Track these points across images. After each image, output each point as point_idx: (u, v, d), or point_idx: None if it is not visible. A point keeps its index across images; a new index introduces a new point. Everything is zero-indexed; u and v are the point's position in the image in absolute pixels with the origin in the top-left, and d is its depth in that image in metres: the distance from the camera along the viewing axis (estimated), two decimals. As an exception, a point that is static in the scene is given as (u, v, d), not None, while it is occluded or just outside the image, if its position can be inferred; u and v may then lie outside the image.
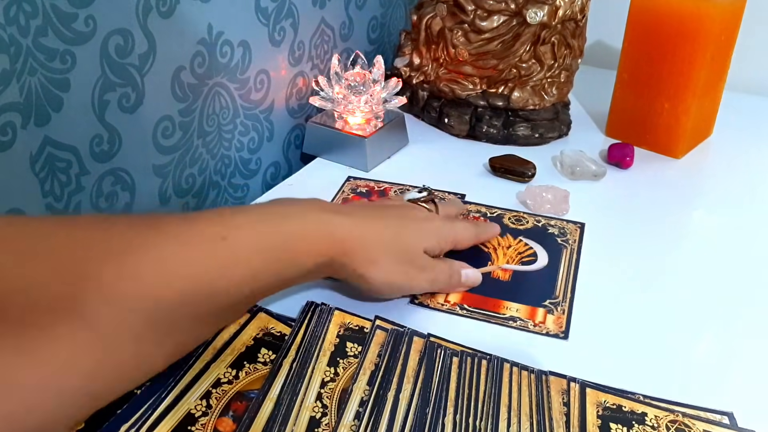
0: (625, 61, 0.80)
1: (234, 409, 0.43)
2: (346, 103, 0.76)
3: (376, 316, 0.52)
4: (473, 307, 0.54)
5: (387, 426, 0.42)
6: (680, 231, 0.67)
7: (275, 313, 0.51)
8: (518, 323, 0.52)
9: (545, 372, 0.46)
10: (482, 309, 0.54)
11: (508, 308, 0.54)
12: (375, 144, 0.76)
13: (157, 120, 0.61)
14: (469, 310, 0.54)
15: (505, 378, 0.46)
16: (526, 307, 0.54)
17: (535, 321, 0.52)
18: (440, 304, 0.54)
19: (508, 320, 0.53)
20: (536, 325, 0.52)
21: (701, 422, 0.43)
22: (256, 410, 0.42)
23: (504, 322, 0.52)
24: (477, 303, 0.54)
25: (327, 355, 0.47)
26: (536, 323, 0.52)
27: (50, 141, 0.51)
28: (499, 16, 0.78)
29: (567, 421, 0.43)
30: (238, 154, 0.74)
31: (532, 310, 0.54)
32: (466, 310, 0.54)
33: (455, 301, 0.54)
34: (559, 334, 0.51)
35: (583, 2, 0.79)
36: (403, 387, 0.45)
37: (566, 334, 0.51)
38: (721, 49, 0.77)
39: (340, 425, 0.42)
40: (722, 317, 0.54)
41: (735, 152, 0.83)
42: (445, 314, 0.53)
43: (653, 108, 0.79)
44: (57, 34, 0.49)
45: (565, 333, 0.51)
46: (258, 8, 0.70)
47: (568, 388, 0.45)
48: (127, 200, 0.61)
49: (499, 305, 0.54)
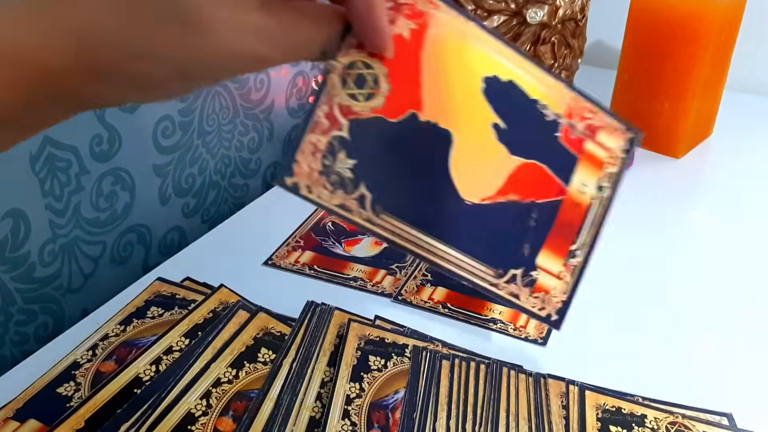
0: (625, 61, 0.80)
1: (234, 409, 0.43)
2: (346, 103, 0.76)
3: (376, 316, 0.52)
4: (456, 307, 0.54)
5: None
6: (680, 231, 0.67)
7: (275, 312, 0.51)
8: (498, 326, 0.52)
9: (543, 375, 0.46)
10: (465, 309, 0.54)
11: (492, 310, 0.54)
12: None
13: (157, 120, 0.61)
14: (451, 309, 0.54)
15: (503, 382, 0.46)
16: (509, 310, 0.54)
17: (516, 325, 0.52)
18: (423, 302, 0.54)
19: (489, 322, 0.52)
20: (516, 329, 0.52)
21: (701, 423, 0.43)
22: (256, 410, 0.42)
23: (484, 323, 0.52)
24: (461, 303, 0.54)
25: (327, 355, 0.47)
26: (517, 327, 0.52)
27: (50, 141, 0.51)
28: (499, 16, 0.78)
29: (566, 424, 0.43)
30: (238, 154, 0.74)
31: (515, 313, 0.53)
32: (448, 308, 0.54)
33: (439, 299, 0.54)
34: (537, 340, 0.51)
35: (583, 2, 0.79)
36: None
37: (545, 340, 0.51)
38: (721, 49, 0.77)
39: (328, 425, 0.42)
40: (722, 318, 0.54)
41: (735, 152, 0.83)
42: (427, 312, 0.53)
43: (653, 108, 0.79)
44: (57, 34, 0.49)
45: (544, 339, 0.51)
46: (258, 8, 0.70)
47: (567, 391, 0.45)
48: (127, 200, 0.61)
49: (483, 306, 0.54)
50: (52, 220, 0.54)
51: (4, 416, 0.43)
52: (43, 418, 0.43)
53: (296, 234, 0.64)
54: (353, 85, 0.31)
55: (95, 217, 0.58)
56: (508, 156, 0.37)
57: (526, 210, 0.38)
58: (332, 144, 0.31)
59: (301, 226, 0.65)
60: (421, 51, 0.32)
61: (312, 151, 0.30)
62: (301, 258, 0.60)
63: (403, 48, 0.32)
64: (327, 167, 0.31)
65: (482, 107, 0.35)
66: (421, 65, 0.33)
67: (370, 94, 0.32)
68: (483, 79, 0.35)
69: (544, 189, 0.38)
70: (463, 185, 0.35)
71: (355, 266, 0.59)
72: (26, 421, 0.43)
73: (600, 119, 0.39)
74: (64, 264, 0.56)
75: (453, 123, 0.34)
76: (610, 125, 0.40)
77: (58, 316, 0.57)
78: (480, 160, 0.36)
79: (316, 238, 0.63)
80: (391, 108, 0.32)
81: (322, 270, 0.59)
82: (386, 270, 0.59)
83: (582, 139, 0.39)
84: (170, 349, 0.48)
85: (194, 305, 0.52)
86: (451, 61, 0.34)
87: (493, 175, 0.36)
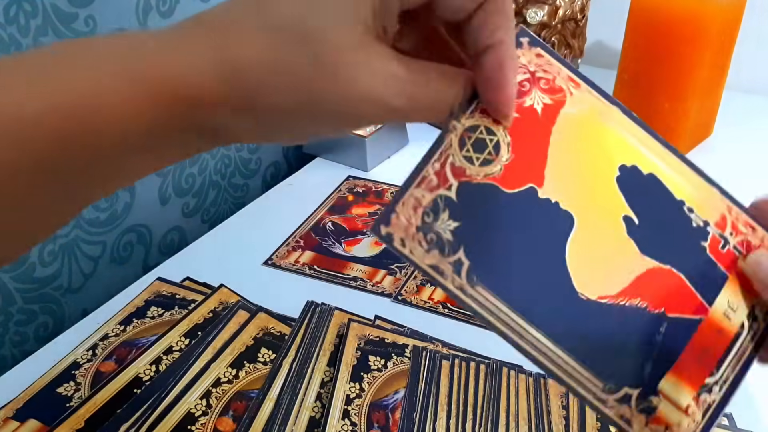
0: (625, 61, 0.80)
1: (234, 409, 0.43)
2: (346, 103, 0.76)
3: (376, 316, 0.52)
4: (456, 307, 0.54)
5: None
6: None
7: (275, 312, 0.51)
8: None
9: (544, 375, 0.46)
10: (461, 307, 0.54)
11: None
12: (375, 144, 0.76)
13: (157, 120, 0.61)
14: (451, 309, 0.54)
15: (503, 382, 0.46)
16: None
17: None
18: (423, 302, 0.54)
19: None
20: None
21: (700, 423, 0.43)
22: (256, 410, 0.42)
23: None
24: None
25: (327, 355, 0.47)
26: None
27: (50, 141, 0.51)
28: (499, 16, 0.78)
29: (566, 424, 0.43)
30: (238, 154, 0.74)
31: None
32: (448, 308, 0.54)
33: (439, 299, 0.54)
34: None
35: (583, 2, 0.79)
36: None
37: None
38: (721, 49, 0.77)
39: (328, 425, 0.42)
40: (722, 318, 0.54)
41: (735, 152, 0.83)
42: (427, 312, 0.53)
43: (653, 108, 0.79)
44: (57, 33, 0.49)
45: None
46: (258, 8, 0.70)
47: (567, 391, 0.45)
48: (127, 200, 0.61)
49: None
50: (52, 220, 0.54)
51: (4, 416, 0.43)
52: (43, 418, 0.43)
53: (296, 234, 0.64)
54: (471, 148, 0.30)
55: (95, 217, 0.58)
56: (639, 255, 0.32)
57: (654, 321, 0.32)
58: (437, 202, 0.29)
59: (301, 226, 0.65)
60: (552, 126, 0.31)
61: (414, 206, 0.29)
62: (301, 258, 0.60)
63: (533, 120, 0.30)
64: (426, 224, 0.29)
65: (614, 196, 0.32)
66: (549, 140, 0.31)
67: (487, 159, 0.30)
68: (619, 167, 0.32)
69: (680, 302, 0.33)
70: (579, 277, 0.31)
71: (355, 266, 0.59)
72: (26, 421, 0.43)
73: (760, 237, 0.34)
74: (64, 264, 0.56)
75: (577, 206, 0.31)
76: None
77: (58, 316, 0.57)
78: (603, 253, 0.32)
79: (316, 238, 0.63)
80: (509, 178, 0.30)
81: (322, 270, 0.59)
82: (386, 270, 0.59)
83: (734, 255, 0.33)
84: (170, 349, 0.48)
85: (194, 305, 0.52)
86: (585, 142, 0.31)
87: (618, 272, 0.32)
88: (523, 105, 0.31)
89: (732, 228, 0.34)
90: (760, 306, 0.34)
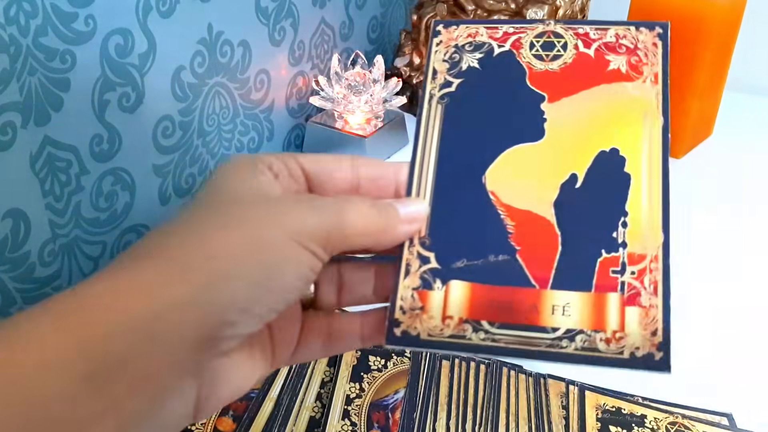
0: (626, 61, 0.80)
1: (234, 409, 0.43)
2: (346, 103, 0.76)
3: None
4: None
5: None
6: (679, 231, 0.67)
7: (275, 313, 0.51)
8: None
9: (543, 375, 0.46)
10: None
11: None
12: (375, 144, 0.76)
13: (157, 120, 0.61)
14: None
15: (503, 382, 0.46)
16: None
17: None
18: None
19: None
20: None
21: (701, 424, 0.43)
22: (256, 410, 0.42)
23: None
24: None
25: (327, 355, 0.47)
26: None
27: (50, 141, 0.51)
28: (499, 16, 0.78)
29: (566, 424, 0.43)
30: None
31: None
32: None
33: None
34: None
35: (583, 2, 0.79)
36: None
37: None
38: (721, 49, 0.77)
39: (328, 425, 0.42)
40: (721, 317, 0.54)
41: (735, 152, 0.83)
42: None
43: (653, 108, 0.79)
44: (57, 33, 0.49)
45: None
46: (258, 8, 0.70)
47: (567, 391, 0.45)
48: (127, 200, 0.61)
49: None
50: (52, 219, 0.54)
51: (3, 416, 0.43)
52: (43, 418, 0.43)
53: (296, 234, 0.64)
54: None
55: (95, 217, 0.58)
56: (550, 204, 0.32)
57: (502, 248, 0.32)
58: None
59: (301, 226, 0.65)
60: (603, 82, 0.34)
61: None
62: (301, 258, 0.60)
63: (595, 68, 0.34)
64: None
65: (584, 156, 0.32)
66: (591, 87, 0.34)
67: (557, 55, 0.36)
68: (612, 148, 0.33)
69: (535, 263, 0.32)
70: (495, 173, 0.32)
71: (355, 266, 0.59)
72: (26, 421, 0.43)
73: (651, 301, 0.33)
74: (64, 264, 0.56)
75: (553, 130, 0.33)
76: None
77: (58, 316, 0.57)
78: (531, 172, 0.32)
79: (316, 238, 0.63)
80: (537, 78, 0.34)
81: (322, 270, 0.59)
82: (386, 270, 0.59)
83: (616, 285, 0.32)
84: (170, 349, 0.48)
85: (194, 305, 0.52)
86: (611, 112, 0.34)
87: (527, 196, 0.32)
88: (604, 56, 0.34)
89: (639, 274, 0.32)
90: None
